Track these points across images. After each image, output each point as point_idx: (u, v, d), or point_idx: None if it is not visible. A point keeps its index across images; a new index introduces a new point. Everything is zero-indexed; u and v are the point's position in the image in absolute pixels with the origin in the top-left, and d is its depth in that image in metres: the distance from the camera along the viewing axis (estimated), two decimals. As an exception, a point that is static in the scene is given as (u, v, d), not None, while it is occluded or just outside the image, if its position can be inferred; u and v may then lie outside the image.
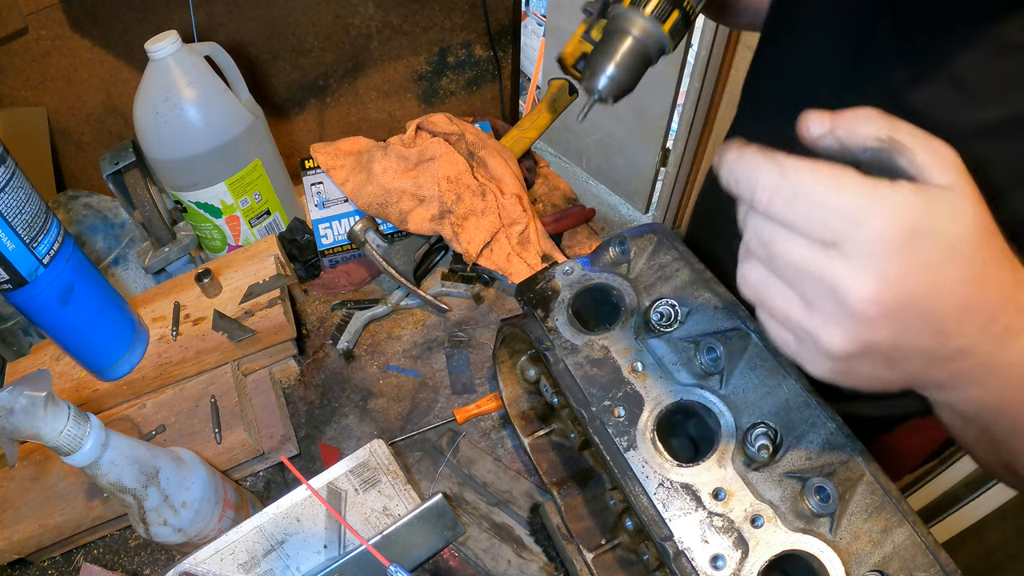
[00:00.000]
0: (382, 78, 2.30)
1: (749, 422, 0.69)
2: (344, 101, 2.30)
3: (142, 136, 1.21)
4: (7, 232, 0.83)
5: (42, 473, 0.99)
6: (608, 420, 0.72)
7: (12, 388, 0.66)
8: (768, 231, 0.46)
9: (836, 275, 0.43)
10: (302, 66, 2.17)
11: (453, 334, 1.21)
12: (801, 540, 0.63)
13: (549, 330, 0.81)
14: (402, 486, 0.91)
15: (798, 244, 0.44)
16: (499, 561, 0.93)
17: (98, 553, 1.02)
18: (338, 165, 1.27)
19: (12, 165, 0.85)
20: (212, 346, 1.07)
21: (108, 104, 2.00)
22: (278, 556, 0.86)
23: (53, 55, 1.88)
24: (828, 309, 0.44)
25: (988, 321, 0.45)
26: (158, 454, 0.81)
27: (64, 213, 1.36)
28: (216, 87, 1.22)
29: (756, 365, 0.72)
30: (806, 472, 0.67)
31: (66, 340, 0.99)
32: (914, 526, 0.64)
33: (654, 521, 0.66)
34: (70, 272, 0.93)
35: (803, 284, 0.45)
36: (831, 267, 0.43)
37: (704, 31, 2.23)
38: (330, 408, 1.14)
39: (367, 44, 2.21)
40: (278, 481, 1.07)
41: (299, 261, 1.35)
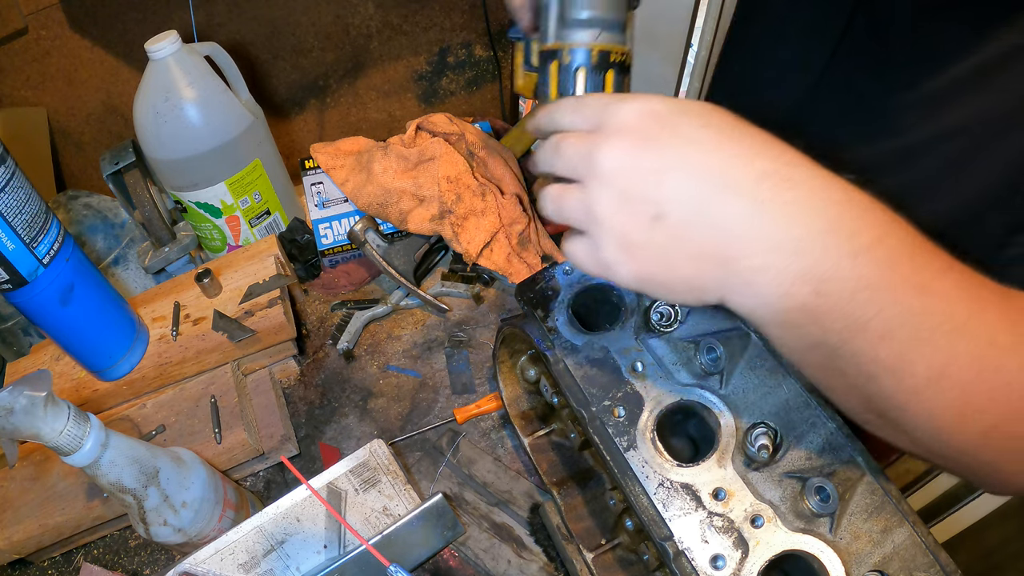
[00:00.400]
0: (382, 78, 2.30)
1: (749, 422, 0.69)
2: (344, 101, 2.30)
3: (142, 136, 1.21)
4: (7, 232, 0.83)
5: (42, 473, 0.99)
6: (608, 420, 0.72)
7: (12, 388, 0.66)
8: (557, 141, 0.58)
9: (595, 147, 0.55)
10: (302, 66, 2.18)
11: (453, 334, 1.21)
12: (801, 540, 0.63)
13: (549, 330, 0.81)
14: (402, 486, 0.91)
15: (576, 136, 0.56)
16: (499, 561, 0.93)
17: (98, 553, 1.02)
18: (338, 165, 1.27)
19: (12, 165, 0.85)
20: (212, 346, 1.07)
21: (108, 104, 2.00)
22: (278, 556, 0.86)
23: (53, 55, 1.88)
24: (584, 170, 0.56)
25: (741, 163, 0.51)
26: (158, 454, 0.81)
27: (64, 213, 1.36)
28: (216, 87, 1.22)
29: (756, 365, 0.72)
30: (806, 472, 0.67)
31: (66, 340, 0.99)
32: (914, 526, 0.64)
33: (654, 521, 0.66)
34: (70, 272, 0.93)
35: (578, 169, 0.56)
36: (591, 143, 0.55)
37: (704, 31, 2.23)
38: (330, 408, 1.14)
39: (367, 44, 2.21)
40: (278, 481, 1.07)
41: (299, 261, 1.35)
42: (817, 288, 0.50)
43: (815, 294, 0.50)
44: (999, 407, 0.55)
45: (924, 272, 0.51)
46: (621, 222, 0.54)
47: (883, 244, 0.50)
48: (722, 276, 0.53)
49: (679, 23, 2.17)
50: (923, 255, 0.51)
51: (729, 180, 0.50)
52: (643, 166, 0.52)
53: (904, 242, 0.51)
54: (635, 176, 0.53)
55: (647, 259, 0.54)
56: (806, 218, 0.50)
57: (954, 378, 0.53)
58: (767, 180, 0.50)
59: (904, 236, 0.51)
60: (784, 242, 0.50)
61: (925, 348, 0.52)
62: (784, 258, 0.50)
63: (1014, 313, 0.55)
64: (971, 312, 0.52)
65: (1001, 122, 0.72)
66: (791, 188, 0.50)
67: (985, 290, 0.54)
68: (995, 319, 0.53)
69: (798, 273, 0.50)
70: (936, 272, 0.51)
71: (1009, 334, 0.53)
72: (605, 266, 0.56)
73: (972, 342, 0.52)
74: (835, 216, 0.50)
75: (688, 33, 2.21)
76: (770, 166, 0.50)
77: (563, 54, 0.63)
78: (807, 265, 0.50)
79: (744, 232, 0.51)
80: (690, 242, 0.52)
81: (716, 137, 0.52)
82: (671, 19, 2.18)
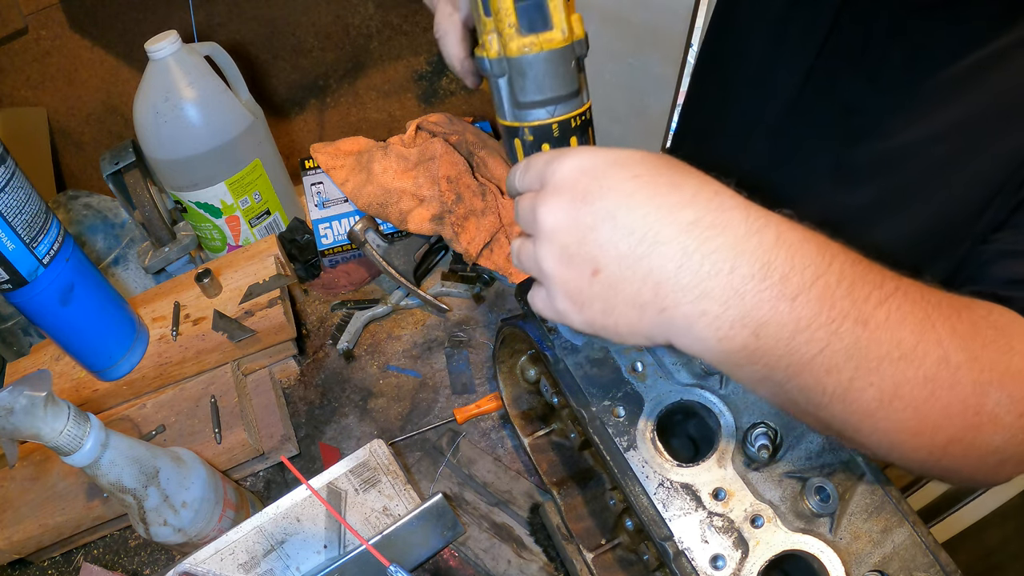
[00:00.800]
0: (382, 78, 2.30)
1: (749, 422, 0.69)
2: (344, 101, 2.30)
3: (142, 136, 1.21)
4: (7, 232, 0.83)
5: (42, 473, 0.99)
6: (608, 420, 0.72)
7: (12, 388, 0.66)
8: (520, 202, 0.60)
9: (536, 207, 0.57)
10: (302, 66, 2.18)
11: (453, 334, 1.21)
12: (801, 540, 0.63)
13: (549, 330, 0.81)
14: (402, 486, 0.91)
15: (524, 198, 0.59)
16: (499, 561, 0.93)
17: (98, 553, 1.02)
18: (338, 165, 1.27)
19: (12, 165, 0.85)
20: (212, 346, 1.07)
21: (108, 104, 2.00)
22: (278, 556, 0.86)
23: (53, 55, 1.88)
24: (532, 228, 0.58)
25: (665, 213, 0.52)
26: (158, 454, 0.81)
27: (64, 213, 1.36)
28: (216, 87, 1.22)
29: (756, 365, 0.72)
30: (806, 472, 0.67)
31: (66, 340, 0.99)
32: (914, 526, 0.64)
33: (654, 521, 0.66)
34: (70, 272, 0.93)
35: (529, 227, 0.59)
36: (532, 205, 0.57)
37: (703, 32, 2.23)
38: (330, 408, 1.14)
39: (367, 44, 2.21)
40: (278, 481, 1.07)
41: (299, 261, 1.35)
42: (755, 332, 0.51)
43: (754, 337, 0.51)
44: (955, 422, 0.56)
45: (865, 304, 0.51)
46: (565, 277, 0.56)
47: (819, 283, 0.50)
48: (663, 322, 0.53)
49: (679, 23, 2.17)
50: (863, 286, 0.52)
51: (657, 233, 0.51)
52: (579, 223, 0.54)
53: (843, 275, 0.51)
54: (573, 233, 0.55)
55: (593, 310, 0.56)
56: (734, 264, 0.50)
57: (906, 399, 0.54)
58: (694, 229, 0.50)
59: (842, 269, 0.51)
60: (713, 290, 0.50)
61: (872, 377, 0.53)
62: (717, 305, 0.51)
63: (966, 327, 0.55)
64: (919, 335, 0.53)
65: (990, 123, 0.73)
66: (718, 235, 0.50)
67: (934, 309, 0.54)
68: (946, 337, 0.54)
69: (735, 318, 0.51)
70: (878, 302, 0.52)
71: (961, 351, 0.54)
72: (560, 315, 0.59)
73: (921, 365, 0.53)
74: (765, 260, 0.50)
75: (688, 33, 2.21)
76: (697, 215, 0.51)
77: (524, 132, 0.63)
78: (742, 311, 0.50)
79: (674, 282, 0.51)
80: (628, 293, 0.53)
81: (645, 189, 0.53)
82: (671, 19, 2.18)
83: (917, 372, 0.53)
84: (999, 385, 0.55)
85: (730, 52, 1.04)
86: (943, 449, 0.57)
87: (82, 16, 1.84)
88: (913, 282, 0.55)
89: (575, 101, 0.63)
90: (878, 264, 0.54)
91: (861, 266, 0.53)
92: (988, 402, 0.55)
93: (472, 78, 0.82)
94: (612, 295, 0.54)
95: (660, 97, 3.05)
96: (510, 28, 0.58)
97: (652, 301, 0.53)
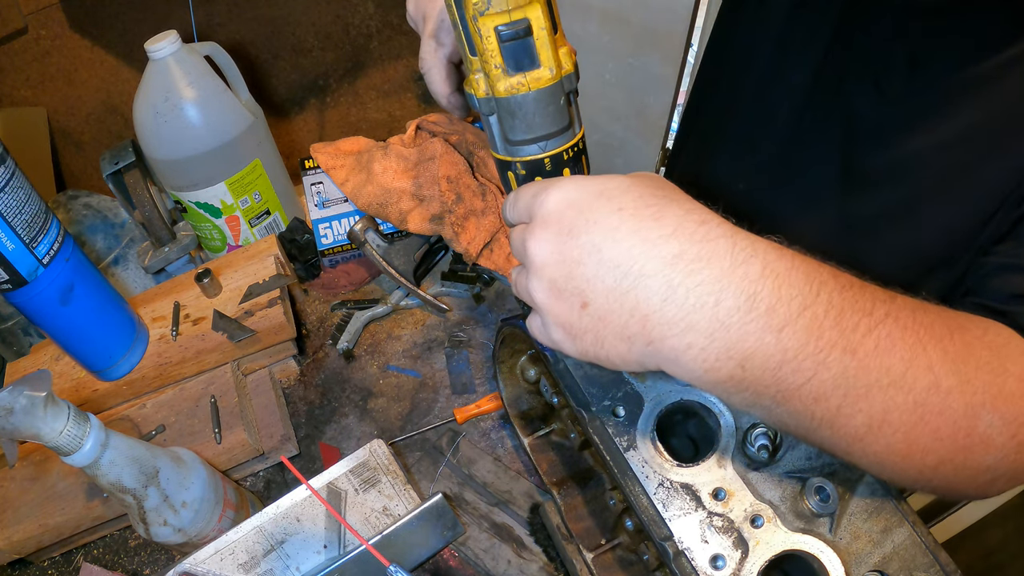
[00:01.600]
0: (382, 78, 2.30)
1: (749, 422, 0.69)
2: (344, 101, 2.30)
3: (142, 136, 1.21)
4: (7, 232, 0.83)
5: (42, 473, 0.99)
6: (608, 420, 0.72)
7: (12, 388, 0.66)
8: (512, 235, 0.61)
9: (525, 242, 0.57)
10: (302, 66, 2.18)
11: (453, 334, 1.21)
12: (801, 540, 0.63)
13: (549, 330, 0.81)
14: (402, 486, 0.91)
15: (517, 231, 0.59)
16: (499, 561, 0.93)
17: (98, 553, 1.02)
18: (338, 165, 1.27)
19: (12, 165, 0.85)
20: (212, 346, 1.07)
21: (108, 104, 2.01)
22: (278, 556, 0.86)
23: (53, 55, 1.88)
24: (526, 264, 0.59)
25: (649, 247, 0.52)
26: (158, 454, 0.81)
27: (64, 213, 1.36)
28: (216, 87, 1.22)
29: (756, 365, 0.72)
30: (806, 472, 0.67)
31: (66, 340, 0.99)
32: (914, 526, 0.64)
33: (654, 521, 0.66)
34: (70, 272, 0.93)
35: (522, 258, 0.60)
36: (521, 239, 0.58)
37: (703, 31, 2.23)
38: (330, 408, 1.14)
39: (367, 44, 2.21)
40: (278, 481, 1.07)
41: (299, 261, 1.35)
42: (741, 364, 0.51)
43: (740, 368, 0.52)
44: (945, 445, 0.56)
45: (854, 333, 0.51)
46: (557, 310, 0.57)
47: (807, 313, 0.50)
48: (652, 353, 0.54)
49: (679, 23, 2.17)
50: (852, 314, 0.52)
51: (642, 267, 0.51)
52: (565, 257, 0.55)
53: (831, 305, 0.51)
54: (560, 268, 0.55)
55: (585, 341, 0.57)
56: (719, 297, 0.50)
57: (895, 424, 0.54)
58: (679, 263, 0.50)
59: (831, 298, 0.51)
60: (699, 323, 0.51)
61: (861, 403, 0.53)
62: (703, 337, 0.51)
63: (958, 349, 0.55)
64: (909, 362, 0.53)
65: (996, 133, 0.72)
66: (703, 268, 0.50)
67: (925, 332, 0.54)
68: (937, 362, 0.54)
69: (721, 350, 0.51)
70: (867, 329, 0.52)
71: (952, 375, 0.54)
72: (555, 343, 0.60)
73: (911, 391, 0.53)
74: (751, 292, 0.50)
75: (688, 33, 2.21)
76: (681, 247, 0.51)
77: (516, 167, 0.63)
78: (728, 343, 0.51)
79: (660, 316, 0.52)
80: (616, 326, 0.54)
81: (629, 223, 0.53)
82: (671, 19, 2.18)
83: (907, 398, 0.53)
84: (991, 408, 0.55)
85: (735, 58, 1.03)
86: (933, 470, 0.58)
87: (82, 16, 1.84)
88: (906, 303, 0.55)
89: (566, 135, 0.62)
90: (870, 286, 0.54)
91: (851, 292, 0.53)
92: (980, 424, 0.56)
93: (460, 112, 0.82)
94: (601, 327, 0.55)
95: (660, 97, 3.05)
96: (496, 69, 0.57)
97: (640, 334, 0.53)
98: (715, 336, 0.50)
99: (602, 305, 0.54)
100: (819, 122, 0.90)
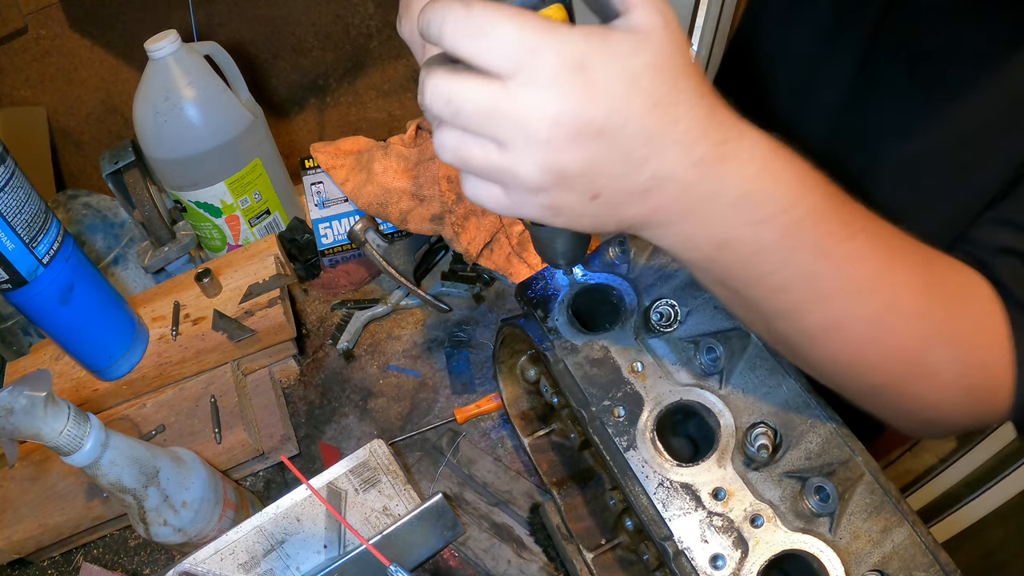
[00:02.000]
0: (382, 77, 2.30)
1: (749, 422, 0.69)
2: (344, 100, 2.30)
3: (142, 136, 1.21)
4: (7, 232, 0.83)
5: (42, 473, 0.99)
6: (608, 420, 0.72)
7: (12, 388, 0.66)
8: (448, 86, 0.46)
9: (518, 105, 0.44)
10: (302, 65, 2.18)
11: (453, 334, 1.21)
12: (801, 540, 0.63)
13: (549, 330, 0.81)
14: (402, 486, 0.91)
15: (481, 87, 0.45)
16: (499, 561, 0.93)
17: (98, 553, 1.02)
18: (338, 165, 1.27)
19: (12, 165, 0.85)
20: (212, 346, 1.07)
21: (108, 103, 2.01)
22: (278, 556, 0.86)
23: (53, 54, 1.88)
24: (518, 142, 0.46)
25: (681, 151, 0.48)
26: (158, 454, 0.81)
27: (63, 212, 1.36)
28: (216, 87, 1.22)
29: (756, 365, 0.72)
30: (806, 472, 0.67)
31: (66, 340, 0.99)
32: (914, 526, 0.64)
33: (654, 521, 0.66)
34: (70, 272, 0.93)
35: (493, 128, 0.46)
36: (514, 99, 0.44)
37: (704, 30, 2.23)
38: (330, 408, 1.14)
39: (367, 43, 2.21)
40: (278, 481, 1.07)
41: (299, 261, 1.35)
42: (719, 246, 0.53)
43: (717, 250, 0.54)
44: (892, 367, 0.59)
45: (829, 239, 0.53)
46: (559, 198, 0.50)
47: (789, 213, 0.52)
48: (640, 230, 0.54)
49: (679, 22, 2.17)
50: (830, 222, 0.53)
51: (670, 171, 0.49)
52: (589, 148, 0.47)
53: (814, 208, 0.53)
54: (576, 153, 0.47)
55: (580, 222, 0.53)
56: (719, 194, 0.51)
57: (848, 332, 0.57)
58: (699, 167, 0.49)
59: (814, 203, 0.53)
60: (698, 213, 0.52)
61: (821, 303, 0.56)
62: (694, 225, 0.52)
63: (927, 279, 0.58)
64: (875, 277, 0.55)
65: (998, 128, 0.72)
66: (715, 169, 0.50)
67: (899, 255, 0.57)
68: (901, 285, 0.56)
69: (706, 235, 0.53)
70: (843, 238, 0.54)
71: (914, 301, 0.57)
72: (524, 215, 0.53)
73: (869, 305, 0.56)
74: (745, 190, 0.51)
75: (688, 32, 2.21)
76: (706, 151, 0.49)
77: None
78: (714, 231, 0.52)
79: (669, 210, 0.51)
80: (621, 215, 0.52)
81: (661, 114, 0.47)
82: (672, 16, 2.18)
83: (864, 310, 0.56)
84: (944, 343, 0.58)
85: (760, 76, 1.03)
86: (878, 389, 0.62)
87: (82, 15, 1.84)
88: (886, 226, 0.57)
89: None
90: (856, 203, 0.56)
91: (834, 202, 0.54)
92: (930, 357, 0.58)
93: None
94: (606, 215, 0.52)
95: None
96: None
97: (639, 220, 0.53)
98: (705, 224, 0.52)
99: (614, 197, 0.50)
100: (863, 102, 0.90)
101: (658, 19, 0.47)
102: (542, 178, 0.47)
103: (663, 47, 0.46)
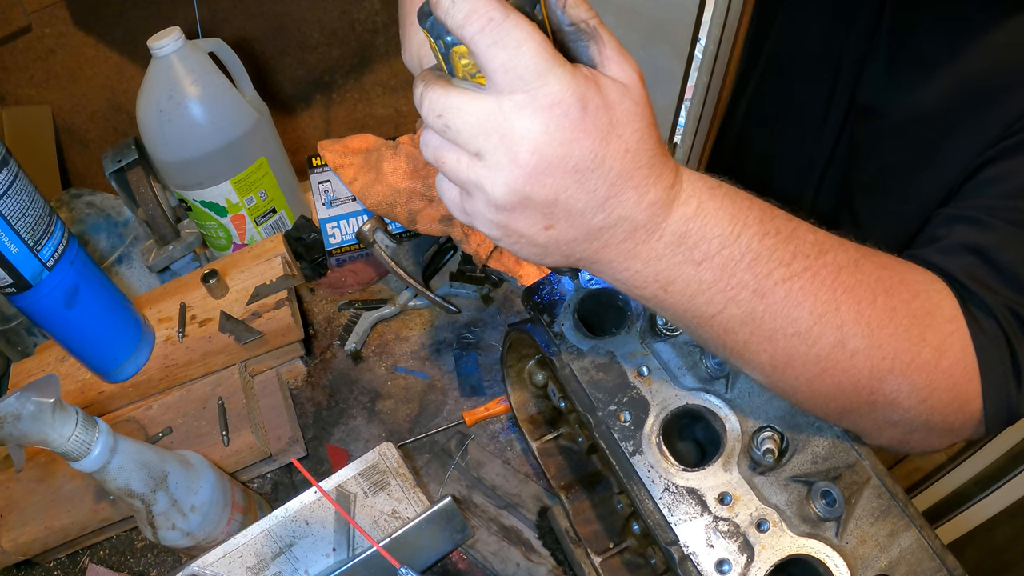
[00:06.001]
0: (388, 73, 2.30)
1: (755, 426, 0.69)
2: (350, 97, 2.30)
3: (146, 134, 1.21)
4: (10, 236, 0.83)
5: (48, 475, 0.99)
6: (614, 425, 0.72)
7: (20, 393, 0.66)
8: (441, 100, 0.48)
9: (509, 126, 0.46)
10: (308, 62, 2.17)
11: (462, 336, 1.21)
12: (807, 544, 0.63)
13: (555, 335, 0.81)
14: (411, 489, 0.91)
15: (475, 100, 0.47)
16: (508, 564, 0.93)
17: (104, 554, 1.03)
18: (346, 163, 1.27)
19: (15, 168, 0.84)
20: (219, 347, 1.07)
21: (113, 101, 2.01)
22: (287, 559, 0.87)
23: (57, 53, 1.88)
24: (497, 158, 0.48)
25: (638, 195, 0.51)
26: (167, 458, 0.81)
27: (67, 212, 1.36)
28: (220, 84, 1.21)
29: (763, 369, 0.72)
30: (812, 476, 0.67)
31: (71, 343, 0.99)
32: (921, 530, 0.64)
33: (660, 525, 0.66)
34: (74, 275, 0.93)
35: (477, 141, 0.48)
36: (506, 118, 0.46)
37: (712, 25, 2.22)
38: (338, 409, 1.14)
39: (373, 39, 2.20)
40: (285, 483, 1.07)
41: (305, 260, 1.34)
42: (665, 287, 0.55)
43: (663, 291, 0.56)
44: (848, 398, 0.60)
45: (766, 280, 0.55)
46: (516, 222, 0.52)
47: (724, 252, 0.54)
48: (588, 266, 0.56)
49: (687, 16, 2.17)
50: (768, 262, 0.54)
51: (622, 208, 0.51)
52: (555, 180, 0.49)
53: (748, 248, 0.54)
54: (540, 185, 0.49)
55: (526, 251, 0.55)
56: (662, 234, 0.53)
57: (798, 371, 0.59)
58: (650, 209, 0.52)
59: (749, 243, 0.54)
60: (642, 254, 0.54)
61: (766, 344, 0.58)
62: (640, 263, 0.54)
63: (877, 314, 0.58)
64: (817, 317, 0.56)
65: (969, 104, 0.74)
66: (660, 211, 0.52)
67: (845, 292, 0.57)
68: (849, 322, 0.57)
69: (650, 274, 0.55)
70: (780, 280, 0.55)
71: (862, 339, 0.57)
72: (469, 223, 0.55)
73: (814, 345, 0.57)
74: (683, 231, 0.53)
75: (695, 26, 2.20)
76: (657, 194, 0.51)
77: None
78: (657, 270, 0.54)
79: (617, 249, 0.54)
80: (571, 249, 0.54)
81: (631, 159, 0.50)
82: (679, 12, 2.17)
83: (809, 350, 0.58)
84: (900, 374, 0.58)
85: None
86: (839, 414, 0.64)
87: (86, 13, 1.84)
88: (835, 261, 0.57)
89: None
90: (801, 238, 0.56)
91: (772, 240, 0.55)
92: (885, 387, 0.59)
93: None
94: (554, 247, 0.54)
95: (667, 91, 3.04)
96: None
97: (587, 257, 0.55)
98: (648, 263, 0.54)
99: (566, 232, 0.52)
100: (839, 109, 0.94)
101: (633, 75, 0.50)
102: (507, 198, 0.49)
103: (640, 98, 0.50)
